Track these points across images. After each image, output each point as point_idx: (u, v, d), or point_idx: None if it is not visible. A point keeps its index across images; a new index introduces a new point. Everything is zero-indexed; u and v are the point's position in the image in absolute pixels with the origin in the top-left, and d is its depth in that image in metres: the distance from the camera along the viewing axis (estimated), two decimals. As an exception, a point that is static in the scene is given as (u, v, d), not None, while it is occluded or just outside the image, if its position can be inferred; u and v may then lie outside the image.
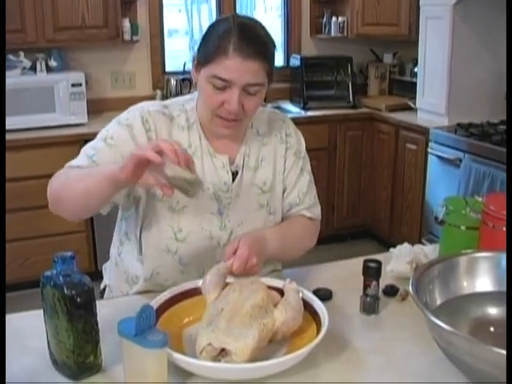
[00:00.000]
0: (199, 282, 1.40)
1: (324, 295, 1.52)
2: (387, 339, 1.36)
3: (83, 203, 1.42)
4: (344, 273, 1.67)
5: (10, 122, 3.48)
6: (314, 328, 1.29)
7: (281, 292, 1.35)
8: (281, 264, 1.75)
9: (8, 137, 3.40)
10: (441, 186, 3.62)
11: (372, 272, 1.42)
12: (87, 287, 1.19)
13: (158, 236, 1.54)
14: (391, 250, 1.71)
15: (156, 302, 1.33)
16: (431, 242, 3.77)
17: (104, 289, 1.75)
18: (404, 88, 4.51)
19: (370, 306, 1.44)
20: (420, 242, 3.92)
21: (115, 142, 1.48)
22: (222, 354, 1.19)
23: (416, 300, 1.17)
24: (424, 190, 3.82)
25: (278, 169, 1.64)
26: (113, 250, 1.70)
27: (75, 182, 1.41)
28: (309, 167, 1.72)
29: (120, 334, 1.13)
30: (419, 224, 3.93)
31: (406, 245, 1.70)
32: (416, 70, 4.13)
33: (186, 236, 1.53)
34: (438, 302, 1.29)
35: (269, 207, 1.63)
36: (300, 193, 1.68)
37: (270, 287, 1.36)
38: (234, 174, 1.58)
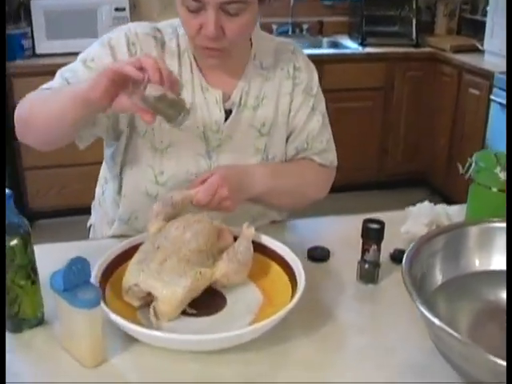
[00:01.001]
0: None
1: (320, 255, 1.32)
2: (379, 316, 1.15)
3: (51, 128, 1.23)
4: (353, 229, 1.46)
5: (49, 46, 3.37)
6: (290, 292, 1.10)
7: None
8: (285, 214, 1.55)
9: (45, 61, 3.29)
10: (502, 136, 3.29)
11: (372, 234, 1.21)
12: (22, 230, 1.03)
13: (138, 177, 1.36)
14: (409, 208, 1.49)
15: (112, 253, 1.17)
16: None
17: (90, 228, 1.61)
18: (474, 28, 4.11)
19: (367, 274, 1.23)
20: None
21: (95, 64, 1.29)
22: (150, 296, 1.05)
23: (405, 277, 0.96)
24: (484, 140, 3.51)
25: (282, 109, 1.42)
26: (98, 188, 1.55)
27: (43, 103, 1.24)
28: (323, 107, 1.49)
29: (52, 288, 0.98)
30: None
31: (426, 203, 1.47)
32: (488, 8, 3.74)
33: (168, 180, 1.35)
34: (441, 279, 1.07)
35: (266, 153, 1.41)
36: (309, 136, 1.46)
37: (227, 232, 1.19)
38: (228, 113, 1.37)
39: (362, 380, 0.99)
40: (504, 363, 0.77)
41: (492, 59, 3.58)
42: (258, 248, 1.20)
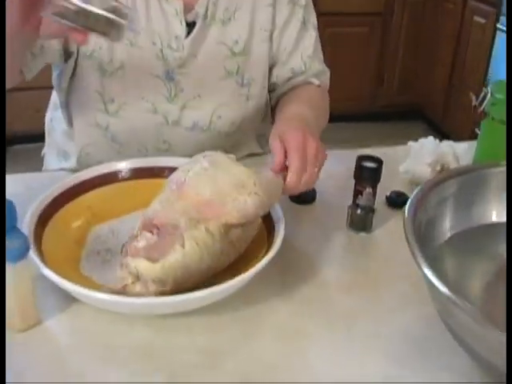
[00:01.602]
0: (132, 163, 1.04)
1: (304, 196, 1.13)
2: (372, 273, 0.97)
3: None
4: (343, 167, 1.26)
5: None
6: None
7: None
8: (266, 145, 1.35)
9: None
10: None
11: (367, 174, 1.02)
12: None
13: (85, 105, 1.15)
14: (410, 143, 1.29)
15: (52, 192, 0.97)
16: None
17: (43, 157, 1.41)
18: None
19: (359, 221, 1.05)
20: (473, 134, 3.44)
21: None
22: None
23: (407, 227, 0.78)
24: (487, 73, 3.28)
25: (260, 23, 1.18)
26: (47, 114, 1.34)
27: None
28: (315, 20, 1.27)
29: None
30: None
31: (430, 139, 1.28)
32: None
33: (119, 109, 1.14)
34: (450, 232, 0.88)
35: (240, 76, 1.19)
36: (304, 56, 1.25)
37: None
38: (191, 26, 1.14)
39: (350, 352, 0.81)
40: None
41: (501, -17, 3.32)
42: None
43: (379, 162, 1.02)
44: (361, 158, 1.02)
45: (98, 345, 0.80)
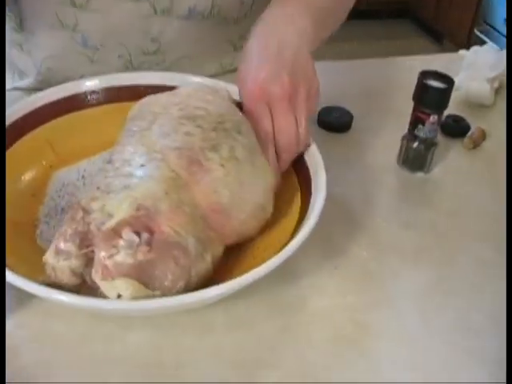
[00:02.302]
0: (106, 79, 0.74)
1: (337, 122, 0.86)
2: (437, 229, 0.72)
3: None
4: (381, 78, 0.99)
5: None
6: (297, 204, 0.65)
7: None
8: None
9: None
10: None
11: (432, 97, 0.74)
12: None
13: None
14: (462, 52, 1.02)
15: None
16: (486, 34, 3.02)
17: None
18: None
19: (416, 158, 0.79)
20: (469, 35, 3.16)
21: None
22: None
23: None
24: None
25: None
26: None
27: None
28: None
29: None
30: (475, 7, 3.12)
31: (487, 47, 1.00)
32: None
33: None
34: None
35: None
36: None
37: None
38: None
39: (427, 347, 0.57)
40: None
41: None
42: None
43: (449, 81, 0.74)
44: (424, 75, 0.75)
45: (48, 344, 0.54)
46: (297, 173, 0.67)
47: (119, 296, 0.49)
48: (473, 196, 0.77)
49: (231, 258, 0.59)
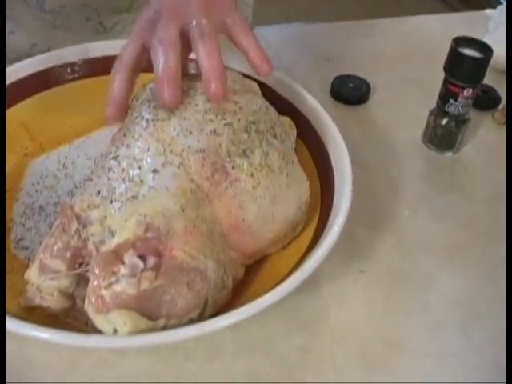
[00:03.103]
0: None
1: (353, 93, 0.76)
2: (472, 222, 0.63)
3: None
4: (398, 42, 0.88)
5: None
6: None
7: None
8: (251, 10, 0.94)
9: None
10: None
11: (468, 68, 0.64)
12: None
13: None
14: (488, 11, 0.91)
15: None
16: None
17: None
18: None
19: (446, 136, 0.69)
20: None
21: None
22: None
23: None
24: None
25: None
26: None
27: None
28: None
29: None
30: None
31: (517, 4, 0.90)
32: None
33: None
34: None
35: None
36: None
37: None
38: None
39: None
40: None
41: None
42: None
43: (486, 49, 0.64)
44: (457, 42, 0.65)
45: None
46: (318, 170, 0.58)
47: (115, 331, 0.40)
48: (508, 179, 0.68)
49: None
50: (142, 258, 0.40)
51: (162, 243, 0.41)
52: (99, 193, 0.45)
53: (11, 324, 0.40)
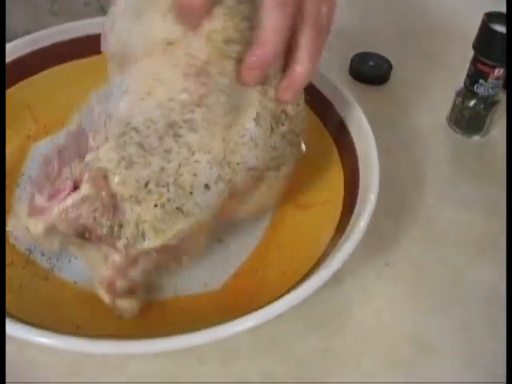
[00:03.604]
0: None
1: (373, 72, 0.72)
2: (500, 212, 0.59)
3: None
4: (420, 16, 0.83)
5: None
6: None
7: None
8: None
9: None
10: None
11: (502, 47, 0.60)
12: None
13: None
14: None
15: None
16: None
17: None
18: None
19: (473, 118, 0.65)
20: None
21: None
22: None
23: None
24: None
25: None
26: None
27: None
28: None
29: None
30: None
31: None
32: None
33: None
34: None
35: None
36: None
37: None
38: None
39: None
40: None
41: None
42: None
43: (519, 23, 0.60)
44: (489, 18, 0.60)
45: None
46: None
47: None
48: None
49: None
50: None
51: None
52: (147, 185, 0.38)
53: (11, 328, 0.37)
